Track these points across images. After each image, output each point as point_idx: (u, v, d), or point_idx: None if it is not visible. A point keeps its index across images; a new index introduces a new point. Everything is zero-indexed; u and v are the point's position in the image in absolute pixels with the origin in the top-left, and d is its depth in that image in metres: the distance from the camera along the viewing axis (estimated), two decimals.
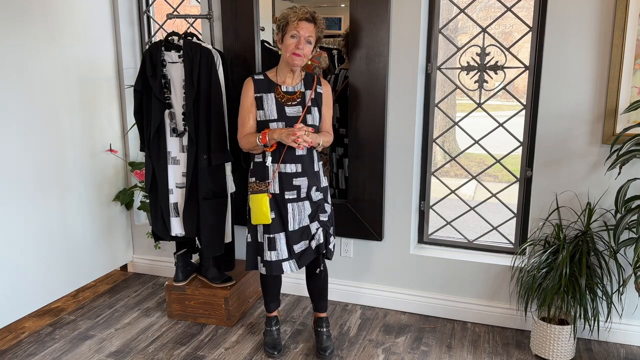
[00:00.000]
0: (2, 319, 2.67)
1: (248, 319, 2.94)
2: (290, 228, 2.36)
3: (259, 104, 2.34)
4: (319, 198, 2.41)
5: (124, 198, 3.35)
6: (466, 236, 2.97)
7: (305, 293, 3.02)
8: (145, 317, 2.97)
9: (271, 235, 2.36)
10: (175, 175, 2.76)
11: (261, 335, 2.74)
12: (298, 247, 2.39)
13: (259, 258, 2.43)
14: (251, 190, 2.35)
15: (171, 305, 2.92)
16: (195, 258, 3.15)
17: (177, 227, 2.81)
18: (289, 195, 2.35)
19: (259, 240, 2.41)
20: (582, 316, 2.36)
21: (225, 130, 2.71)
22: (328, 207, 2.46)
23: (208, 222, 2.73)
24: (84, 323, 2.91)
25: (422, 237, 3.03)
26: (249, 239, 2.44)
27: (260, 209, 2.30)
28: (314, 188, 2.38)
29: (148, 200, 2.96)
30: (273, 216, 2.35)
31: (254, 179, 2.38)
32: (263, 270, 2.40)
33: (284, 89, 2.35)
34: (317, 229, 2.40)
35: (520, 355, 2.54)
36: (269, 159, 2.32)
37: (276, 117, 2.32)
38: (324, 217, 2.43)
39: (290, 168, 2.33)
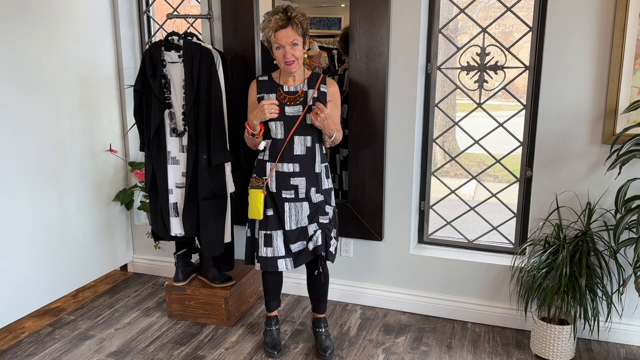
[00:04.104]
0: (2, 319, 2.67)
1: (248, 318, 2.94)
2: (287, 227, 2.38)
3: None
4: (320, 200, 2.41)
5: (124, 198, 3.35)
6: (466, 236, 2.97)
7: (305, 293, 3.02)
8: (145, 317, 2.97)
9: (268, 232, 2.38)
10: (175, 175, 2.76)
11: (261, 335, 2.74)
12: (295, 247, 2.41)
13: (255, 253, 2.45)
14: (250, 185, 2.41)
15: (171, 305, 2.92)
16: (195, 258, 3.15)
17: (176, 227, 2.81)
18: (286, 194, 2.37)
19: (256, 236, 2.44)
20: (582, 316, 2.36)
21: (225, 130, 2.70)
22: (330, 210, 2.45)
23: (208, 222, 2.73)
24: (84, 323, 2.91)
25: (422, 237, 3.03)
26: (248, 234, 2.49)
27: (255, 204, 2.36)
28: (313, 189, 2.38)
29: (148, 200, 2.96)
30: (270, 213, 2.38)
31: (255, 174, 2.43)
32: (258, 266, 2.43)
33: (285, 89, 2.37)
34: (316, 231, 2.40)
35: (520, 355, 2.54)
36: (262, 144, 2.36)
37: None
38: (324, 220, 2.42)
39: (288, 167, 2.35)
